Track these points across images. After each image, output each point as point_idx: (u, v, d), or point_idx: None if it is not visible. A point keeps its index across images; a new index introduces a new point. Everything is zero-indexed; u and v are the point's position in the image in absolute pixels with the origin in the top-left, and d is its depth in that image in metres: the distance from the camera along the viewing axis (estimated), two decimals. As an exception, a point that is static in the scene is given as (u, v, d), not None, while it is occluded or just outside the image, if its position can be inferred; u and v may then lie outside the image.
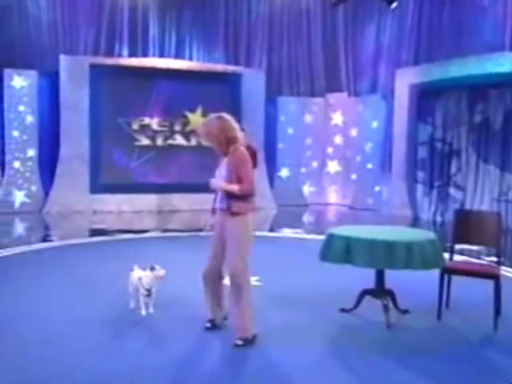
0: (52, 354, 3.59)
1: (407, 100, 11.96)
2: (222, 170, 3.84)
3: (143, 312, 4.38)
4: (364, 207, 12.94)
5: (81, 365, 3.42)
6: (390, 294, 4.46)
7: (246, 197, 3.73)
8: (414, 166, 12.04)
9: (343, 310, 4.53)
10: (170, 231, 9.45)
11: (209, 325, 4.03)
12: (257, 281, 5.46)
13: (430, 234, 4.30)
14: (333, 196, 14.41)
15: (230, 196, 3.74)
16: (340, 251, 4.10)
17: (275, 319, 4.35)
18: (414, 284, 5.22)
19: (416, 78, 11.68)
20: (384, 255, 3.92)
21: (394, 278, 4.52)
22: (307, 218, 12.29)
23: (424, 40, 11.81)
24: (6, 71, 11.19)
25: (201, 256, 4.23)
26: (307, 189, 14.32)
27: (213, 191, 3.93)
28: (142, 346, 3.75)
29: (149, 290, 4.36)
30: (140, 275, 4.41)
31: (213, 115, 3.86)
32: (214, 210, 3.96)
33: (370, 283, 4.48)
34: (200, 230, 4.36)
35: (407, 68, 12.08)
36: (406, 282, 4.90)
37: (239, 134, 3.82)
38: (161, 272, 4.33)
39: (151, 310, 4.41)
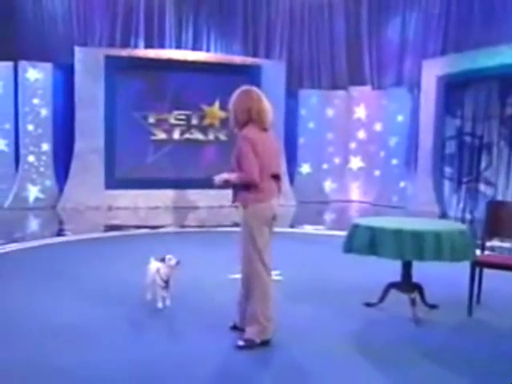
0: (66, 346, 3.62)
1: (434, 92, 11.81)
2: None
3: (160, 305, 4.38)
4: (388, 204, 12.81)
5: (96, 357, 3.43)
6: (418, 287, 4.39)
7: (249, 187, 3.54)
8: (441, 162, 11.88)
9: (368, 305, 4.48)
10: (187, 227, 9.49)
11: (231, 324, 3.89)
12: (278, 275, 5.43)
13: (460, 225, 4.23)
14: (355, 193, 14.30)
15: (234, 186, 3.66)
16: (365, 242, 4.05)
17: (296, 314, 4.32)
18: (443, 277, 5.15)
19: (443, 69, 11.53)
20: (411, 246, 3.86)
21: (422, 271, 4.46)
22: (328, 214, 12.22)
23: (452, 29, 11.64)
24: (21, 63, 11.33)
25: (217, 252, 4.20)
26: (329, 185, 14.24)
27: (222, 187, 3.82)
28: (158, 340, 3.75)
29: (166, 282, 4.36)
30: (158, 267, 4.43)
31: (240, 88, 3.71)
32: None
33: (396, 276, 4.42)
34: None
35: (434, 59, 11.93)
36: (434, 275, 4.84)
37: (257, 115, 3.59)
38: (172, 261, 4.32)
39: (168, 302, 4.42)
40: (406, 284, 4.34)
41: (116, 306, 4.47)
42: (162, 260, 4.36)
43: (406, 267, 4.32)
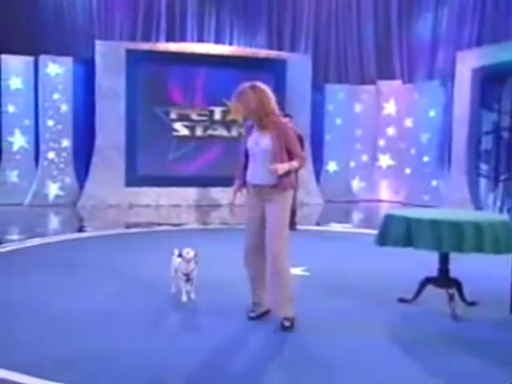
0: (85, 337, 3.65)
1: (469, 85, 11.58)
2: (261, 144, 3.87)
3: (184, 298, 4.38)
4: (419, 204, 12.61)
5: (113, 347, 3.45)
6: (456, 283, 4.29)
7: (291, 172, 3.87)
8: (476, 158, 11.64)
9: (402, 300, 4.40)
10: (210, 224, 9.49)
11: (252, 314, 3.98)
12: (304, 270, 5.39)
13: (502, 216, 4.12)
14: (384, 192, 14.14)
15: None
16: (400, 233, 3.99)
17: (325, 309, 4.28)
18: (482, 272, 5.04)
19: (479, 61, 11.31)
20: (450, 237, 3.78)
21: (460, 266, 4.35)
22: (357, 213, 12.09)
23: (489, 18, 11.44)
24: (41, 58, 11.48)
25: (241, 249, 4.21)
26: (357, 184, 14.11)
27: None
28: (178, 332, 3.78)
29: (187, 275, 4.36)
30: (178, 261, 4.43)
31: (246, 84, 3.88)
32: (240, 187, 4.12)
33: (431, 272, 4.33)
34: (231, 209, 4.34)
35: (469, 50, 11.73)
36: (473, 269, 4.73)
37: (275, 104, 3.89)
38: (190, 254, 4.30)
39: (193, 295, 4.41)
40: (444, 279, 4.24)
41: (140, 297, 4.50)
42: (180, 256, 4.36)
43: (444, 260, 4.22)
